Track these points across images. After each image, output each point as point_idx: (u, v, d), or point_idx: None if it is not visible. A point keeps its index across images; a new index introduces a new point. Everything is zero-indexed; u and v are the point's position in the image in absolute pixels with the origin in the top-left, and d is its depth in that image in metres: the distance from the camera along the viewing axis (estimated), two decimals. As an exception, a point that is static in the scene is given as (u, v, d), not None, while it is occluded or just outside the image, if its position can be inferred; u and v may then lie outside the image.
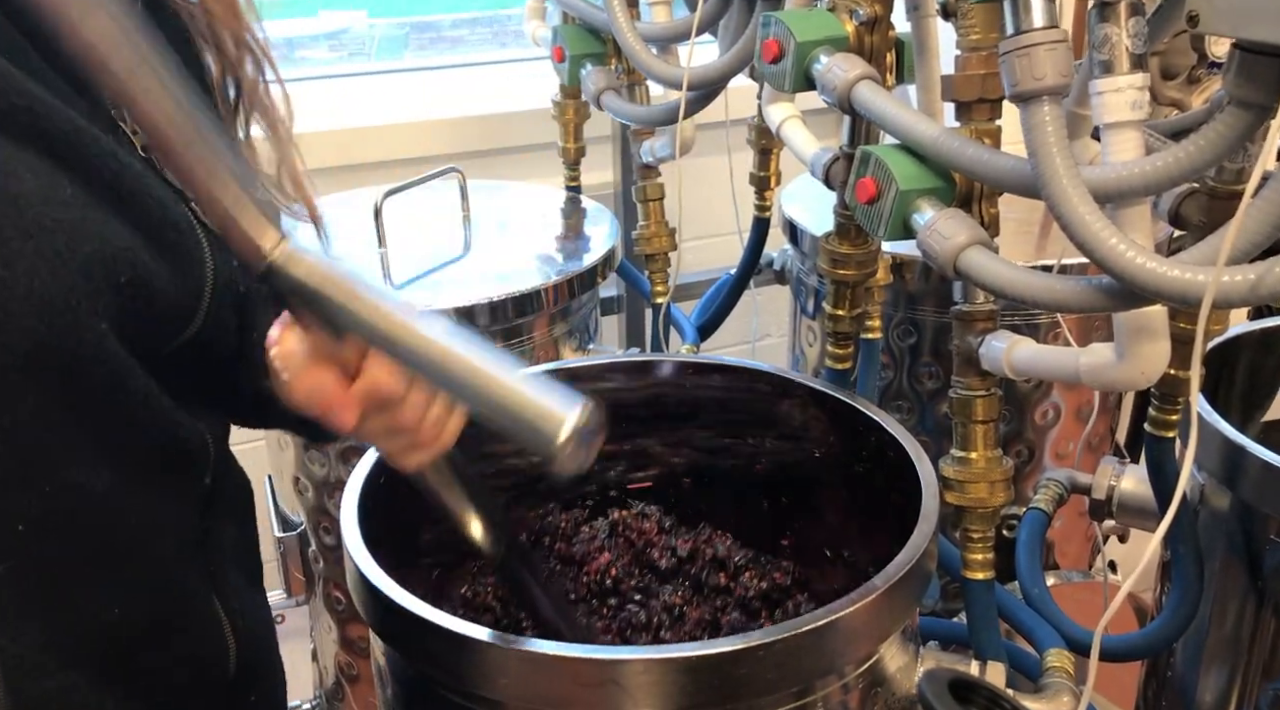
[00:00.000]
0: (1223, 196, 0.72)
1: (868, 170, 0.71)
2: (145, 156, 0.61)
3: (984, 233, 0.67)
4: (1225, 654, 0.93)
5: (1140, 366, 0.66)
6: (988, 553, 0.78)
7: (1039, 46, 0.57)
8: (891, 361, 1.19)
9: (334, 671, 1.30)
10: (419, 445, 0.62)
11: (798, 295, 1.34)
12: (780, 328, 1.67)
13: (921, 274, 1.12)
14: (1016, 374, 0.72)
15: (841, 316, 0.87)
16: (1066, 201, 0.57)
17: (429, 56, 1.92)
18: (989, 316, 0.75)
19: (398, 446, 0.63)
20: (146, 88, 0.49)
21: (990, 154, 0.64)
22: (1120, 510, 0.97)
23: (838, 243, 0.84)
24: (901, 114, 0.68)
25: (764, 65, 0.78)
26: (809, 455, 0.88)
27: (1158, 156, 0.57)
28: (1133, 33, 0.57)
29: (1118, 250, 0.56)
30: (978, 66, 0.69)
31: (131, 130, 0.61)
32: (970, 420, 0.76)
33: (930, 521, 0.70)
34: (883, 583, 0.64)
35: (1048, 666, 0.78)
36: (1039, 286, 0.62)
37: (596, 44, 1.22)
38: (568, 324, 1.21)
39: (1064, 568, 1.27)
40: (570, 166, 1.42)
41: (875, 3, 0.76)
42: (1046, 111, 0.58)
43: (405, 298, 0.78)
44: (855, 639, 0.65)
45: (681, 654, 0.60)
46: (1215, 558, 0.91)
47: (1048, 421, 1.19)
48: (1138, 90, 0.58)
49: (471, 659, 0.62)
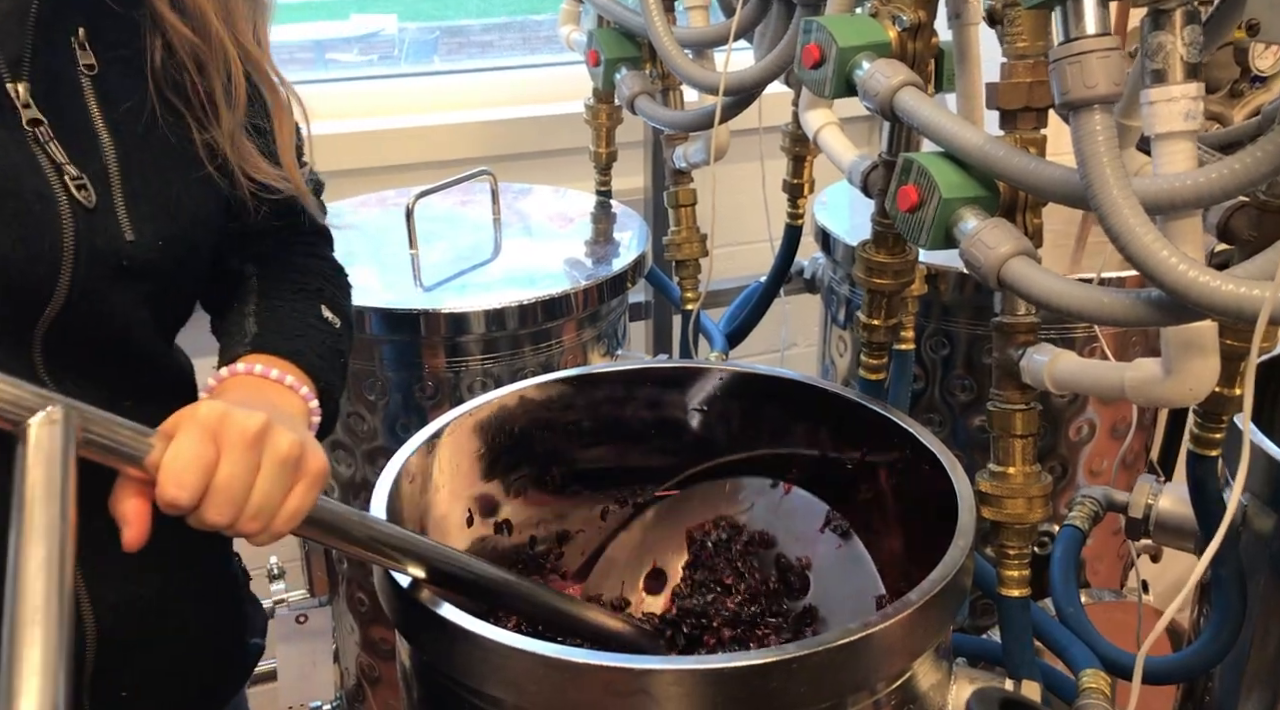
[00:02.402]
0: (1274, 211, 0.70)
1: (910, 178, 0.70)
2: (28, 129, 0.64)
3: (1029, 243, 0.65)
4: (1267, 679, 0.91)
5: (1189, 383, 0.64)
6: (1024, 570, 0.77)
7: (1091, 54, 0.56)
8: (924, 373, 1.17)
9: (355, 673, 1.29)
10: (247, 535, 0.60)
11: (829, 304, 1.32)
12: (808, 337, 1.65)
13: (956, 285, 1.11)
14: (1059, 388, 0.71)
15: (876, 326, 0.86)
16: (1117, 213, 0.55)
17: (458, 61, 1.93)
18: (1030, 329, 0.73)
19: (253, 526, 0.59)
20: None
21: (1037, 163, 0.63)
22: (1158, 529, 0.96)
23: (875, 251, 0.83)
24: (946, 121, 0.67)
25: (804, 71, 0.77)
26: (841, 467, 0.87)
27: (1210, 168, 0.56)
28: (1188, 41, 0.56)
29: (1169, 263, 0.54)
30: (1024, 74, 0.68)
31: (24, 103, 0.64)
32: (1009, 434, 0.75)
33: (967, 537, 0.69)
34: (918, 598, 0.63)
35: (1084, 687, 0.76)
36: (1086, 299, 0.61)
37: (632, 48, 1.21)
38: (596, 329, 1.20)
39: (1095, 586, 1.25)
40: (601, 171, 1.41)
41: (919, 9, 0.75)
42: (1098, 120, 0.56)
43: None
44: (889, 655, 0.63)
45: (713, 665, 0.59)
46: (1258, 580, 0.89)
47: (1082, 437, 1.17)
48: (1191, 100, 0.56)
49: (500, 664, 0.61)
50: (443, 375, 1.12)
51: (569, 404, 0.89)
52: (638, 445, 0.92)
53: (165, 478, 0.55)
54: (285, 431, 0.59)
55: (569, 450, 0.91)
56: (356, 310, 1.09)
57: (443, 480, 0.83)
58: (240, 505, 0.57)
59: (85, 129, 0.67)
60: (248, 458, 0.57)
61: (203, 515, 0.57)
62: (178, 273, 0.72)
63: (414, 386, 1.13)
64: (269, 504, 0.58)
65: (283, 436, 0.59)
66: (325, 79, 1.73)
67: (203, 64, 0.70)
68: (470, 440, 0.85)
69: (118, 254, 0.67)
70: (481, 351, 1.12)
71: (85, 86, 0.67)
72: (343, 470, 1.19)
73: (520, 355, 1.13)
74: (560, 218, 1.37)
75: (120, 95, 0.68)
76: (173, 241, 0.70)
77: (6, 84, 0.64)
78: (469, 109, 1.69)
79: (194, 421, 0.57)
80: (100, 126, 0.67)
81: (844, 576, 0.80)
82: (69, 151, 0.65)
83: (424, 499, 0.81)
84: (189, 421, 0.57)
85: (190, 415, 0.57)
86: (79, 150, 0.66)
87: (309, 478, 0.60)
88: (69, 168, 0.65)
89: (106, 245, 0.66)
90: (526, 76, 1.78)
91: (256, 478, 0.58)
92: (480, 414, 0.85)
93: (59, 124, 0.65)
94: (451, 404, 0.88)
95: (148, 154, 0.69)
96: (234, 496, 0.57)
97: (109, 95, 0.68)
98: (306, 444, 0.61)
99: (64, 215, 0.64)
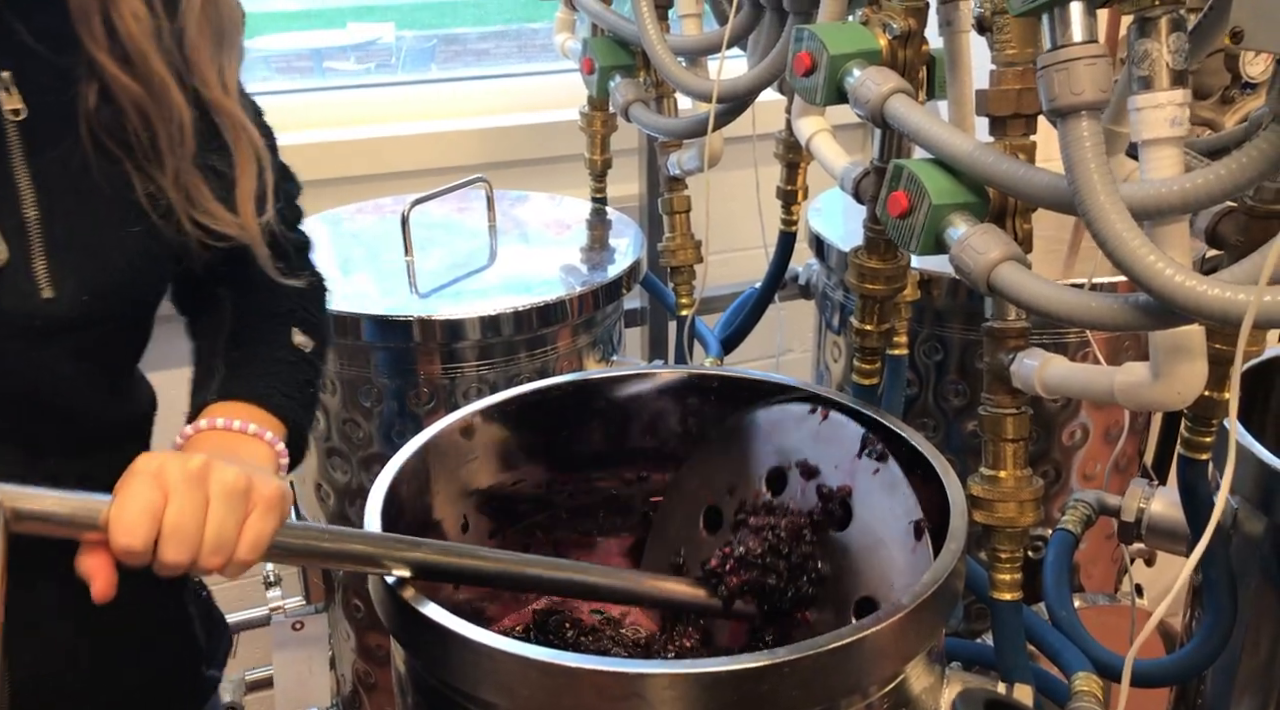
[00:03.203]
0: (1261, 216, 0.71)
1: (900, 184, 0.70)
2: None
3: (1018, 249, 0.66)
4: (1258, 682, 0.92)
5: (1177, 387, 0.65)
6: (1016, 573, 0.77)
7: (1078, 61, 0.57)
8: (917, 378, 1.18)
9: (351, 679, 1.29)
10: (214, 569, 0.61)
11: (823, 310, 1.33)
12: (803, 343, 1.66)
13: (949, 291, 1.12)
14: (1049, 392, 0.71)
15: (869, 332, 0.87)
16: (1105, 218, 0.56)
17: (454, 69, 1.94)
18: (1021, 334, 0.74)
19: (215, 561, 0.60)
20: None
21: (1026, 169, 0.63)
22: (1150, 533, 0.96)
23: (867, 257, 0.83)
24: (936, 128, 0.68)
25: (796, 79, 0.77)
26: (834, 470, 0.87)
27: (1197, 174, 0.56)
28: (1173, 48, 0.56)
29: (1156, 268, 0.55)
30: (1013, 81, 0.68)
31: None
32: (1000, 438, 0.75)
33: (959, 540, 0.69)
34: (910, 602, 0.63)
35: (1076, 690, 0.77)
36: (1075, 303, 0.61)
37: (626, 56, 1.22)
38: (591, 335, 1.21)
39: (1089, 590, 1.25)
40: (596, 178, 1.42)
41: (909, 17, 0.75)
42: (1085, 127, 0.57)
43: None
44: (881, 659, 0.64)
45: (705, 669, 0.59)
46: (1248, 583, 0.90)
47: (1075, 442, 1.18)
48: (1178, 107, 0.57)
49: (494, 669, 0.61)
50: (438, 382, 1.13)
51: (565, 410, 0.90)
52: (633, 451, 0.92)
53: (115, 529, 0.56)
54: (227, 466, 0.60)
55: (565, 457, 0.91)
56: (352, 317, 1.10)
57: (438, 486, 0.83)
58: (196, 542, 0.58)
59: (5, 181, 0.64)
60: (194, 496, 0.58)
61: (162, 558, 0.58)
62: (110, 325, 0.70)
63: (409, 393, 1.13)
64: (225, 536, 0.59)
65: (225, 470, 0.60)
66: (323, 87, 1.74)
67: (145, 112, 0.66)
68: (466, 446, 0.85)
69: (30, 314, 0.64)
70: (477, 358, 1.13)
71: (9, 133, 0.64)
72: (339, 477, 1.20)
73: (515, 362, 1.14)
74: (556, 224, 1.37)
75: (48, 142, 0.65)
76: (102, 294, 0.67)
77: None
78: (465, 116, 1.70)
79: (133, 474, 0.58)
80: (21, 176, 0.64)
81: (883, 502, 0.80)
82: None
83: (419, 504, 0.81)
84: (129, 475, 0.58)
85: (130, 469, 0.59)
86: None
87: (262, 505, 0.61)
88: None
89: (15, 305, 0.63)
90: (522, 84, 1.79)
91: (207, 513, 0.59)
92: (476, 420, 0.85)
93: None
94: (447, 410, 0.88)
95: (76, 204, 0.66)
96: (187, 534, 0.58)
97: (35, 143, 0.64)
98: (254, 475, 0.61)
99: None
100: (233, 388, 0.74)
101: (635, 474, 0.93)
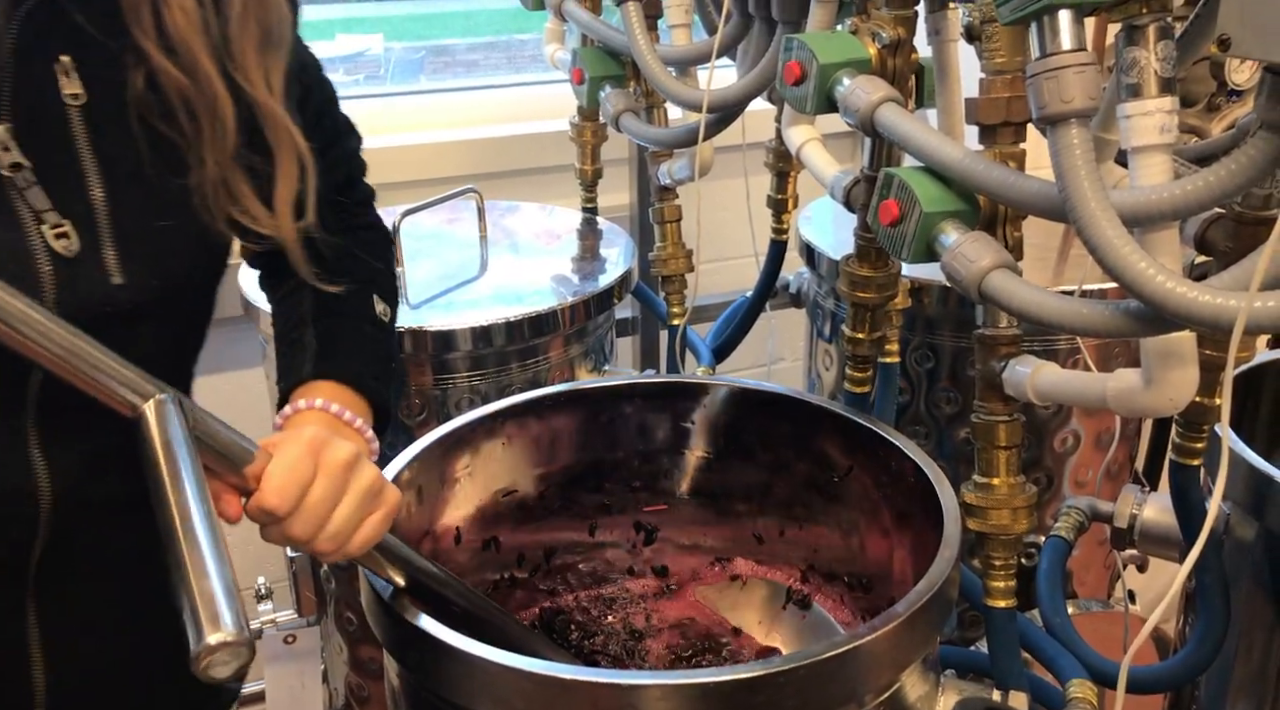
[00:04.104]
0: (1249, 222, 0.71)
1: (891, 192, 0.70)
2: (6, 175, 0.61)
3: (1009, 256, 0.66)
4: (1252, 687, 0.92)
5: (1168, 393, 0.65)
6: (1010, 581, 0.77)
7: (1067, 69, 0.57)
8: (909, 386, 1.18)
9: (344, 693, 1.29)
10: (322, 553, 0.63)
11: (814, 318, 1.33)
12: (795, 351, 1.66)
13: (940, 298, 1.12)
14: (1041, 399, 0.71)
15: (861, 340, 0.87)
16: (1095, 225, 0.56)
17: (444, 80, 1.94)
18: (1012, 341, 0.74)
19: (328, 546, 0.63)
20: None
21: (1016, 177, 0.63)
22: (1142, 539, 0.96)
23: (858, 265, 0.83)
24: (926, 136, 0.68)
25: (785, 88, 0.77)
26: (828, 479, 0.87)
27: (1186, 180, 0.57)
28: (1161, 56, 0.57)
29: (1147, 274, 0.55)
30: (1002, 89, 0.68)
31: (3, 147, 0.61)
32: (993, 445, 0.75)
33: (952, 548, 0.69)
34: (904, 610, 0.63)
35: (1071, 698, 0.77)
36: (1065, 310, 0.61)
37: (615, 66, 1.22)
38: (583, 345, 1.21)
39: (1082, 597, 1.25)
40: (587, 188, 1.42)
41: (898, 26, 0.76)
42: (1075, 134, 0.57)
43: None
44: (876, 667, 0.64)
45: (700, 680, 0.59)
46: (1241, 588, 0.90)
47: (1067, 448, 1.18)
48: (1166, 114, 0.57)
49: (488, 681, 0.61)
50: (429, 393, 1.13)
51: (556, 419, 0.90)
52: (625, 460, 0.92)
53: (269, 486, 0.59)
54: (370, 464, 0.64)
55: (557, 467, 0.91)
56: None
57: (430, 497, 0.83)
58: (322, 525, 0.62)
59: (71, 167, 0.63)
60: (338, 482, 0.61)
61: (287, 529, 0.61)
62: (176, 310, 0.70)
63: (401, 404, 1.13)
64: (347, 528, 0.63)
65: (369, 468, 0.64)
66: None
67: (189, 103, 0.66)
68: (457, 458, 0.85)
69: (102, 301, 0.64)
70: (468, 369, 1.12)
71: (72, 118, 0.63)
72: (330, 489, 1.19)
73: (507, 372, 1.14)
74: (547, 234, 1.37)
75: (107, 127, 0.65)
76: (169, 278, 0.67)
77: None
78: (455, 127, 1.70)
79: (299, 442, 0.61)
80: (88, 162, 0.64)
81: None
82: (51, 194, 0.62)
83: (413, 516, 0.81)
84: (295, 440, 0.61)
85: (296, 436, 0.62)
86: (63, 191, 0.62)
87: (385, 509, 0.65)
88: (49, 215, 0.62)
89: (89, 294, 0.63)
90: (512, 95, 1.79)
91: (341, 502, 0.62)
92: (467, 431, 0.85)
93: (42, 164, 0.62)
94: (439, 422, 0.88)
95: (138, 189, 0.66)
96: (319, 517, 0.61)
97: (98, 127, 0.64)
98: (386, 479, 0.65)
99: (41, 270, 0.61)
100: (327, 366, 0.75)
101: (628, 484, 0.93)
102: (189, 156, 0.67)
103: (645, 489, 0.94)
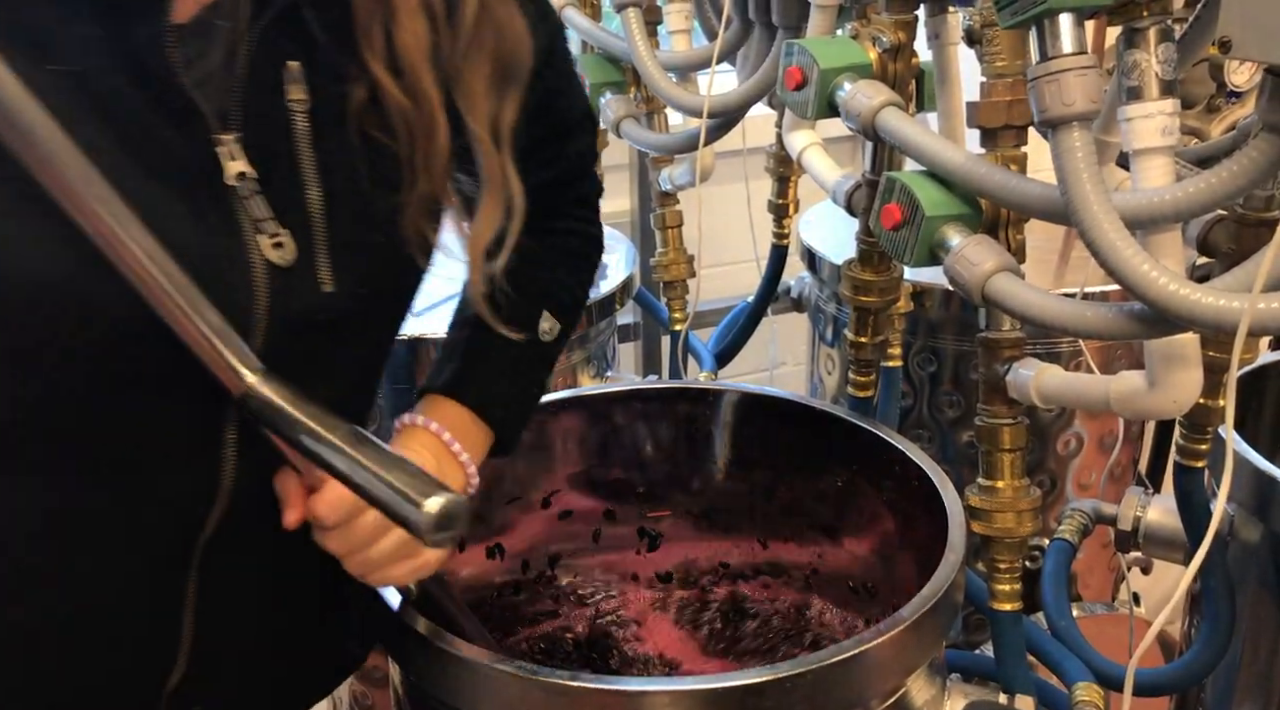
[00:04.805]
0: (1252, 223, 0.71)
1: (893, 197, 0.70)
2: (231, 184, 0.61)
3: (1012, 259, 0.66)
4: (1258, 689, 0.92)
5: (1172, 395, 0.65)
6: (1015, 584, 0.77)
7: (1069, 72, 0.57)
8: (911, 390, 1.18)
9: (349, 702, 1.28)
10: (372, 568, 0.64)
11: (816, 323, 1.33)
12: (797, 355, 1.66)
13: (942, 302, 1.12)
14: (1045, 402, 0.71)
15: (863, 344, 0.87)
16: (1098, 227, 0.56)
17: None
18: (1016, 344, 0.74)
19: (355, 569, 0.65)
20: (132, 235, 0.53)
21: (1018, 180, 0.63)
22: (1147, 541, 0.96)
23: (860, 269, 0.83)
24: (928, 140, 0.68)
25: (786, 93, 0.78)
26: (832, 484, 0.87)
27: (1189, 182, 0.57)
28: (1162, 59, 0.57)
29: (1150, 277, 0.55)
30: (1003, 93, 0.69)
31: (230, 157, 0.60)
32: (997, 449, 0.75)
33: (958, 552, 0.69)
34: (910, 614, 0.63)
35: (1077, 701, 0.76)
36: (1069, 313, 0.61)
37: (615, 73, 1.22)
38: (585, 351, 1.20)
39: (1087, 600, 1.25)
40: (588, 194, 1.42)
41: (898, 30, 0.76)
42: (1076, 137, 0.57)
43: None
44: (882, 671, 0.64)
45: (706, 685, 0.59)
46: (1246, 590, 0.90)
47: (1070, 451, 1.18)
48: (1168, 116, 0.57)
49: (494, 688, 0.61)
50: (432, 400, 1.12)
51: (560, 426, 0.90)
52: (628, 467, 0.92)
53: (325, 496, 0.61)
54: None
55: (560, 473, 0.91)
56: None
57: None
58: (354, 552, 0.63)
59: (292, 175, 0.62)
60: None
61: (324, 539, 0.63)
62: (380, 318, 0.69)
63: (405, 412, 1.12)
64: (375, 563, 0.64)
65: None
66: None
67: (409, 125, 0.63)
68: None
69: (313, 309, 0.63)
70: (471, 375, 1.12)
71: (295, 123, 0.62)
72: (333, 497, 1.19)
73: (510, 378, 1.13)
74: (547, 241, 1.37)
75: (329, 133, 0.63)
76: (377, 284, 0.66)
77: (214, 139, 0.59)
78: (455, 134, 1.70)
79: None
80: (307, 169, 0.62)
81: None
82: (271, 202, 0.61)
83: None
84: None
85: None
86: (282, 200, 0.62)
87: (420, 562, 0.65)
88: (267, 224, 0.61)
89: (302, 303, 0.62)
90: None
91: (384, 538, 0.63)
92: (470, 438, 0.84)
93: (265, 171, 0.61)
94: (442, 428, 0.88)
95: (354, 199, 0.64)
96: (356, 543, 0.63)
97: (319, 132, 0.63)
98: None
99: (257, 280, 0.61)
100: (459, 387, 0.74)
101: (631, 489, 0.93)
102: (403, 172, 0.65)
103: (649, 495, 0.94)
